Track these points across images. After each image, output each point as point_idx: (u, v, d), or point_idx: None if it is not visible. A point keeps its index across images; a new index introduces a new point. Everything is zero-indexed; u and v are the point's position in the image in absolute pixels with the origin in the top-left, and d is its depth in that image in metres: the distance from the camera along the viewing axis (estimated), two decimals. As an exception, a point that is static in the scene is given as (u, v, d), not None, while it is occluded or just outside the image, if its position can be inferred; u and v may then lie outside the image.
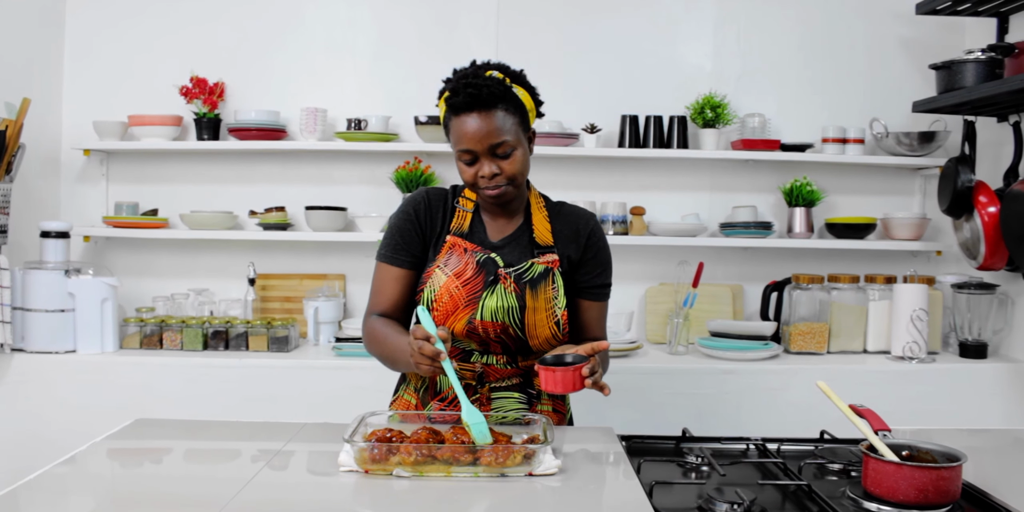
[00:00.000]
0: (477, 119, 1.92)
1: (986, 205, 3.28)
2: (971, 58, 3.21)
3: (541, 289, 2.02)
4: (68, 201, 3.77)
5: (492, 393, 2.09)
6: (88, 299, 3.28)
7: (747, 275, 3.85)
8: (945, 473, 1.57)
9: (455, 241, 2.05)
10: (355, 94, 3.79)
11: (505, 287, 2.00)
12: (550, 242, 2.08)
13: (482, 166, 1.96)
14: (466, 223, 2.08)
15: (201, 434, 2.07)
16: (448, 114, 1.98)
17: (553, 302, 2.03)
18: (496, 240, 2.09)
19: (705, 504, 1.59)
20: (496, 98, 1.93)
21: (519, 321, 2.00)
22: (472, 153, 1.95)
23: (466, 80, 1.95)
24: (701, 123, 3.67)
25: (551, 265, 2.05)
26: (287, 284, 3.78)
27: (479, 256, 2.03)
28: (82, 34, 3.74)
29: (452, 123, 1.96)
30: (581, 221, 2.13)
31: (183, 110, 3.70)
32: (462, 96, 1.92)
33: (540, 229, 2.09)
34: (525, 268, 2.03)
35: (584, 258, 2.11)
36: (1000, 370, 3.36)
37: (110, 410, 2.78)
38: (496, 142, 1.93)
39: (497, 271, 2.01)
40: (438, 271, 2.02)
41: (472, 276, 2.01)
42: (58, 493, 1.61)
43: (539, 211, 2.12)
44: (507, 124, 1.94)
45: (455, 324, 2.01)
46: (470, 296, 1.99)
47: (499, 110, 1.93)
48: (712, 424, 3.03)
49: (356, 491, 1.64)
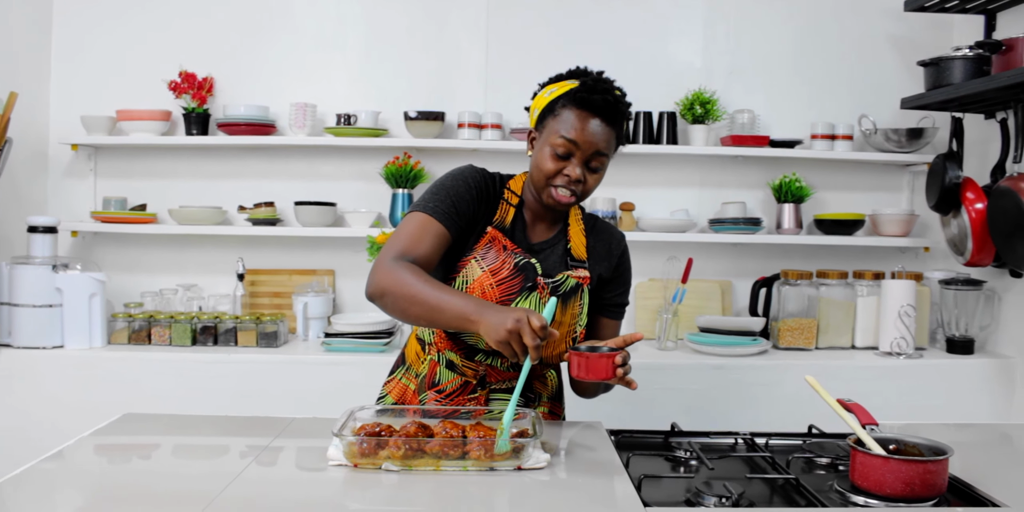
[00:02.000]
0: (600, 124, 1.90)
1: (973, 201, 3.30)
2: (959, 55, 3.22)
3: (571, 305, 2.00)
4: (55, 196, 3.75)
5: (491, 394, 2.08)
6: (76, 294, 3.27)
7: (736, 271, 3.86)
8: (931, 466, 1.58)
9: (496, 234, 1.99)
10: (345, 89, 3.78)
11: (541, 297, 1.96)
12: (584, 257, 2.06)
13: (573, 166, 1.91)
14: (508, 217, 2.02)
15: (189, 429, 2.07)
16: (566, 102, 1.92)
17: (577, 319, 2.02)
18: (535, 242, 2.05)
19: (694, 497, 1.60)
20: (623, 116, 1.95)
21: None
22: (573, 148, 1.90)
23: (606, 86, 1.95)
24: (691, 119, 3.67)
25: (582, 281, 2.02)
26: (276, 279, 3.77)
27: (518, 258, 1.97)
28: (70, 28, 3.72)
29: (566, 112, 1.91)
30: (614, 241, 2.13)
31: (172, 105, 3.69)
32: (599, 97, 1.90)
33: (576, 243, 2.07)
34: (561, 281, 1.99)
35: (612, 277, 2.11)
36: (987, 366, 3.38)
37: (98, 406, 2.76)
38: (600, 151, 1.91)
39: (536, 279, 1.96)
40: (474, 263, 1.96)
41: (508, 276, 1.95)
42: (45, 488, 1.60)
43: (576, 223, 2.10)
44: (612, 143, 1.94)
45: None
46: (503, 297, 1.94)
47: (615, 129, 1.93)
48: (701, 419, 3.02)
49: (345, 485, 1.64)
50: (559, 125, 1.91)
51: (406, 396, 2.13)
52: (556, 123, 1.92)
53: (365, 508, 1.57)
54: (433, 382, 2.09)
